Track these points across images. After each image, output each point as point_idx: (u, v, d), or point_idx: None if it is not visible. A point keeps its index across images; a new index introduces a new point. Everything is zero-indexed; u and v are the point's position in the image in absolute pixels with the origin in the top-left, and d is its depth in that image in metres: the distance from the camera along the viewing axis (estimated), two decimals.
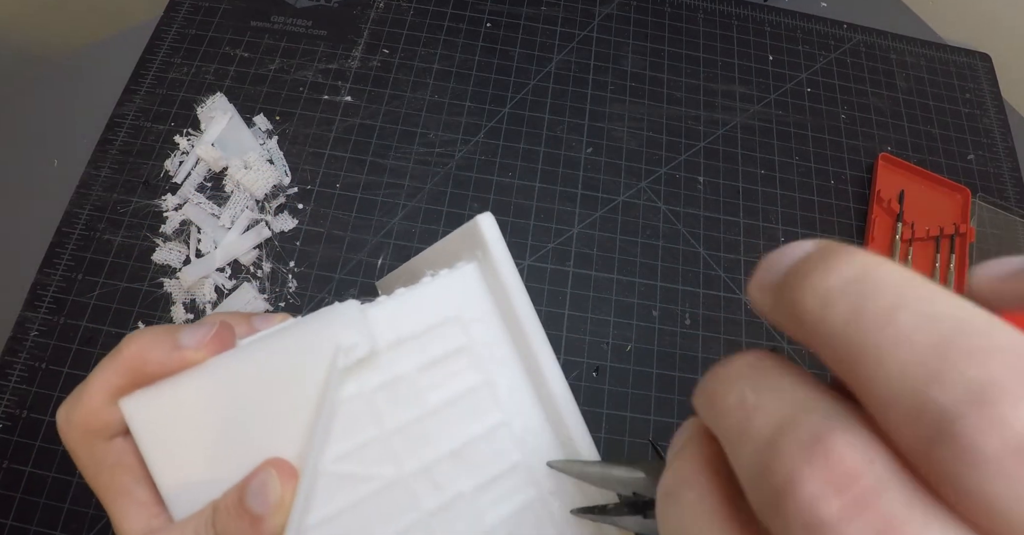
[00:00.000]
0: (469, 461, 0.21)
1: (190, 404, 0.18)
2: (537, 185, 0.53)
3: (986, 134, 0.62)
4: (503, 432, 0.21)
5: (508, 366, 0.22)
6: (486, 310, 0.22)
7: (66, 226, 0.47)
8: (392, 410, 0.20)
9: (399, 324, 0.21)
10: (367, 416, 0.20)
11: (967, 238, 0.55)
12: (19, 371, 0.43)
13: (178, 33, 0.55)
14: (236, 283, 0.46)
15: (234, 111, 0.52)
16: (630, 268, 0.51)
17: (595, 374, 0.47)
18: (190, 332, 0.19)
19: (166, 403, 0.18)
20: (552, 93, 0.57)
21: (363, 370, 0.20)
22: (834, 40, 0.64)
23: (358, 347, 0.19)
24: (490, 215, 0.22)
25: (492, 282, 0.22)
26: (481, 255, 0.22)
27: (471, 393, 0.21)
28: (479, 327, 0.22)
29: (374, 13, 0.58)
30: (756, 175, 0.56)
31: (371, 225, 0.50)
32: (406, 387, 0.21)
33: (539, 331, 0.21)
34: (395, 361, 0.21)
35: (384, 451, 0.20)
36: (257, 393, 0.18)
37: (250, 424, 0.18)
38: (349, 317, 0.20)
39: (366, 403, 0.20)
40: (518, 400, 0.22)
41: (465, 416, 0.21)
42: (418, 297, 0.22)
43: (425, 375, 0.21)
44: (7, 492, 0.40)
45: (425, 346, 0.21)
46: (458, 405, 0.21)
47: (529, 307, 0.21)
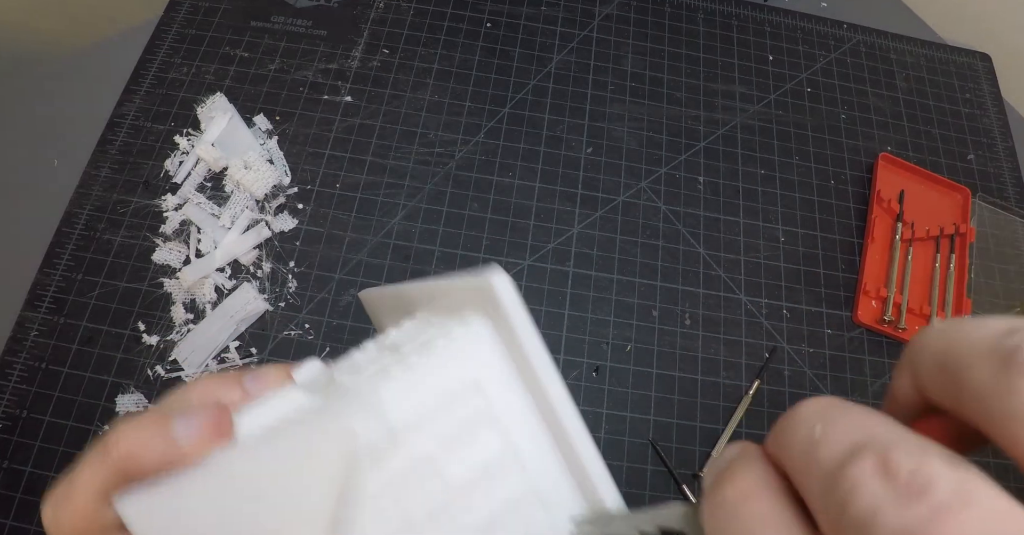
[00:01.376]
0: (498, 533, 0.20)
1: (193, 505, 0.17)
2: (537, 185, 0.53)
3: (986, 134, 0.62)
4: (530, 499, 0.20)
5: (531, 429, 0.21)
6: (503, 372, 0.21)
7: (66, 226, 0.47)
8: (417, 492, 0.19)
9: (416, 398, 0.19)
10: (391, 503, 0.18)
11: (967, 238, 0.55)
12: (19, 371, 0.43)
13: (178, 33, 0.55)
14: (236, 283, 0.46)
15: (234, 111, 0.52)
16: (630, 268, 0.51)
17: (595, 374, 0.47)
18: (185, 424, 0.17)
19: (167, 505, 0.17)
20: (552, 93, 0.57)
21: (383, 458, 0.19)
22: (834, 40, 0.64)
23: (376, 436, 0.18)
24: (504, 274, 0.20)
25: (509, 343, 0.20)
26: (495, 313, 0.20)
27: (495, 462, 0.20)
28: (498, 391, 0.20)
29: (374, 13, 0.58)
30: (756, 175, 0.56)
31: (371, 225, 0.50)
32: (429, 466, 0.19)
33: (563, 393, 0.20)
34: (415, 440, 0.19)
35: None
36: (267, 491, 0.17)
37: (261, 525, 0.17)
38: (365, 404, 0.18)
39: (389, 490, 0.18)
40: (544, 464, 0.21)
41: (491, 487, 0.20)
42: (432, 364, 0.20)
43: (447, 450, 0.20)
44: (7, 492, 0.40)
45: (444, 418, 0.20)
46: (482, 476, 0.20)
47: (554, 373, 0.20)
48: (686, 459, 0.45)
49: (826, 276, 0.53)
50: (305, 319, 0.46)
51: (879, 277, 0.54)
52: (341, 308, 0.47)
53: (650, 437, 0.46)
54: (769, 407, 0.48)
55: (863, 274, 0.53)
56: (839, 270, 0.54)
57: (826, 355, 0.50)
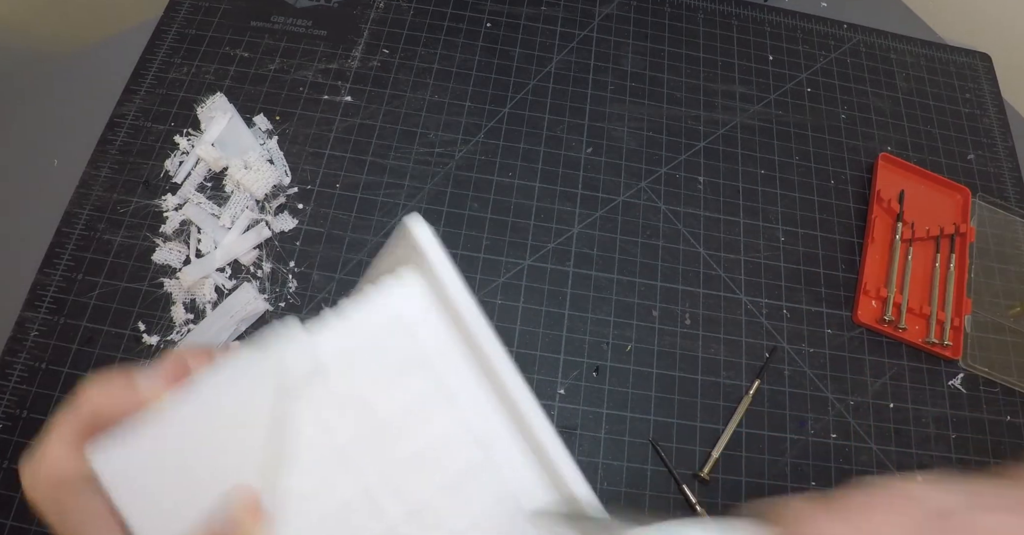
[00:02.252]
0: (430, 466, 0.21)
1: (152, 443, 0.18)
2: (537, 185, 0.53)
3: (986, 134, 0.62)
4: (461, 432, 0.21)
5: (459, 367, 0.22)
6: (432, 315, 0.22)
7: (66, 226, 0.47)
8: (347, 425, 0.20)
9: (344, 338, 0.21)
10: (323, 434, 0.20)
11: (967, 238, 0.55)
12: (19, 371, 0.43)
13: (178, 33, 0.55)
14: (236, 283, 0.46)
15: (234, 111, 0.52)
16: (630, 268, 0.51)
17: (595, 374, 0.47)
18: (146, 374, 0.19)
19: (131, 448, 0.18)
20: (552, 93, 0.57)
21: (312, 386, 0.20)
22: (834, 40, 0.64)
23: (303, 365, 0.20)
24: (418, 216, 0.21)
25: (435, 286, 0.22)
26: (417, 257, 0.22)
27: (424, 398, 0.21)
28: (426, 332, 0.22)
29: (374, 13, 0.58)
30: (756, 175, 0.56)
31: (371, 225, 0.50)
32: (358, 400, 0.21)
33: (486, 328, 0.21)
34: (345, 376, 0.21)
35: (345, 466, 0.20)
36: (215, 424, 0.19)
37: (212, 456, 0.19)
38: (290, 337, 0.20)
39: (320, 421, 0.20)
40: (473, 399, 0.22)
41: (421, 422, 0.21)
42: (361, 309, 0.22)
43: (376, 386, 0.21)
44: (7, 492, 0.40)
45: (374, 358, 0.21)
46: (413, 412, 0.21)
47: (475, 308, 0.21)
48: (686, 459, 0.45)
49: (826, 276, 0.53)
50: (305, 319, 0.46)
51: (879, 277, 0.54)
52: None
53: (650, 437, 0.46)
54: (769, 407, 0.48)
55: (863, 274, 0.53)
56: (839, 270, 0.54)
57: (826, 355, 0.50)
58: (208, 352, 0.21)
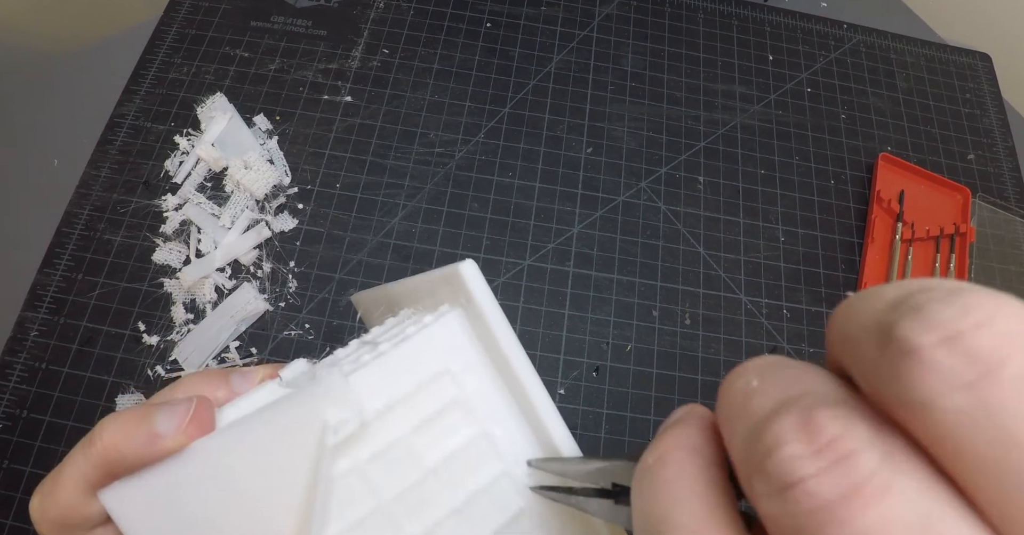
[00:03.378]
0: (473, 517, 0.20)
1: (175, 493, 0.18)
2: (537, 185, 0.53)
3: (986, 134, 0.62)
4: (505, 482, 0.21)
5: (503, 414, 0.21)
6: (476, 359, 0.21)
7: (66, 226, 0.47)
8: (388, 478, 0.20)
9: (387, 386, 0.20)
10: (363, 489, 0.19)
11: (967, 238, 0.55)
12: (19, 371, 0.43)
13: (178, 33, 0.55)
14: (236, 283, 0.46)
15: (234, 111, 0.52)
16: (630, 268, 0.51)
17: (595, 374, 0.47)
18: (167, 417, 0.18)
19: (150, 494, 0.17)
20: (552, 93, 0.57)
21: (354, 442, 0.19)
22: (834, 40, 0.64)
23: (347, 423, 0.19)
24: (472, 264, 0.21)
25: (480, 330, 0.21)
26: (466, 303, 0.21)
27: (468, 447, 0.21)
28: (470, 378, 0.21)
29: (374, 13, 0.58)
30: (756, 175, 0.56)
31: (371, 225, 0.50)
32: (400, 451, 0.20)
33: (534, 377, 0.21)
34: (387, 427, 0.20)
35: (385, 521, 0.19)
36: (245, 478, 0.18)
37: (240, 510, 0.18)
38: (334, 391, 0.19)
39: (360, 477, 0.19)
40: (517, 448, 0.21)
41: (464, 471, 0.20)
42: (404, 354, 0.21)
43: (419, 435, 0.20)
44: (7, 492, 0.40)
45: (416, 405, 0.20)
46: (456, 461, 0.20)
47: (522, 354, 0.21)
48: None
49: (826, 276, 0.53)
50: (305, 319, 0.46)
51: (879, 277, 0.54)
52: (341, 308, 0.47)
53: (650, 437, 0.46)
54: None
55: (863, 274, 0.53)
56: (839, 270, 0.54)
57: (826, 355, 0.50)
58: (224, 377, 0.20)
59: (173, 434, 0.18)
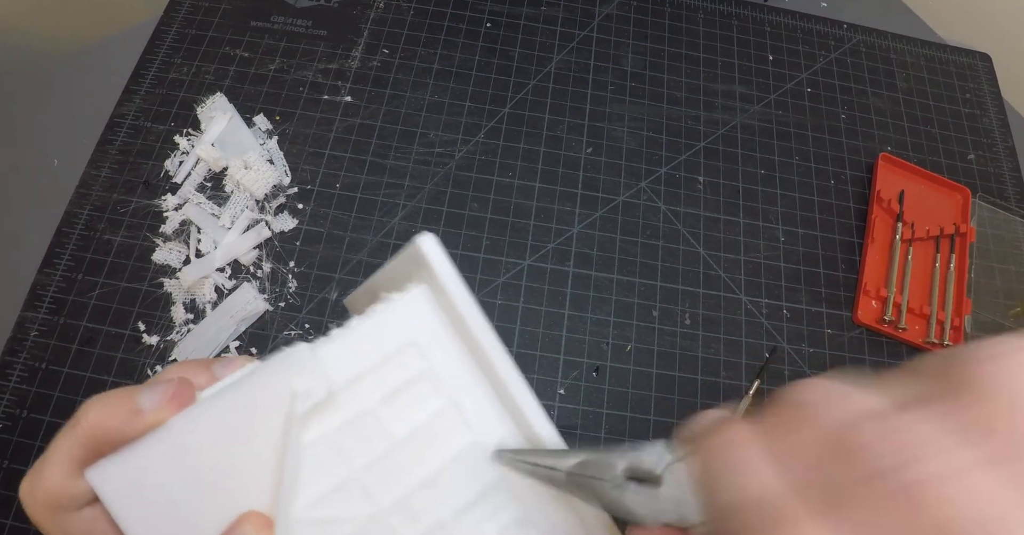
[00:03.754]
0: (445, 487, 0.20)
1: (157, 467, 0.18)
2: (537, 185, 0.53)
3: (986, 134, 0.62)
4: (476, 452, 0.21)
5: (472, 385, 0.22)
6: (441, 332, 0.22)
7: (66, 226, 0.47)
8: (359, 447, 0.20)
9: (354, 359, 0.20)
10: (334, 458, 0.20)
11: (967, 238, 0.55)
12: (19, 371, 0.43)
13: (178, 33, 0.55)
14: (236, 283, 0.46)
15: (234, 111, 0.52)
16: (630, 268, 0.51)
17: (595, 374, 0.47)
18: (148, 394, 0.18)
19: (133, 469, 0.18)
20: (552, 93, 0.57)
21: (324, 412, 0.20)
22: (834, 40, 0.64)
23: (313, 391, 0.19)
24: (430, 235, 0.21)
25: (445, 303, 0.21)
26: (428, 277, 0.21)
27: (438, 417, 0.21)
28: (436, 349, 0.21)
29: (374, 13, 0.58)
30: (756, 175, 0.56)
31: (371, 225, 0.50)
32: (370, 422, 0.20)
33: (498, 346, 0.21)
34: (355, 397, 0.20)
35: (357, 490, 0.20)
36: (221, 449, 0.18)
37: (219, 480, 0.18)
38: (300, 361, 0.20)
39: (331, 445, 0.20)
40: (487, 417, 0.21)
41: (434, 442, 0.21)
42: (370, 328, 0.21)
43: (388, 406, 0.21)
44: (7, 492, 0.40)
45: (384, 377, 0.21)
46: (426, 432, 0.21)
47: (485, 324, 0.21)
48: None
49: (826, 276, 0.53)
50: (305, 319, 0.46)
51: (879, 277, 0.54)
52: (341, 308, 0.47)
53: (650, 437, 0.46)
54: None
55: (863, 274, 0.53)
56: (839, 270, 0.54)
57: (826, 355, 0.50)
58: (206, 365, 0.21)
59: (154, 409, 0.18)
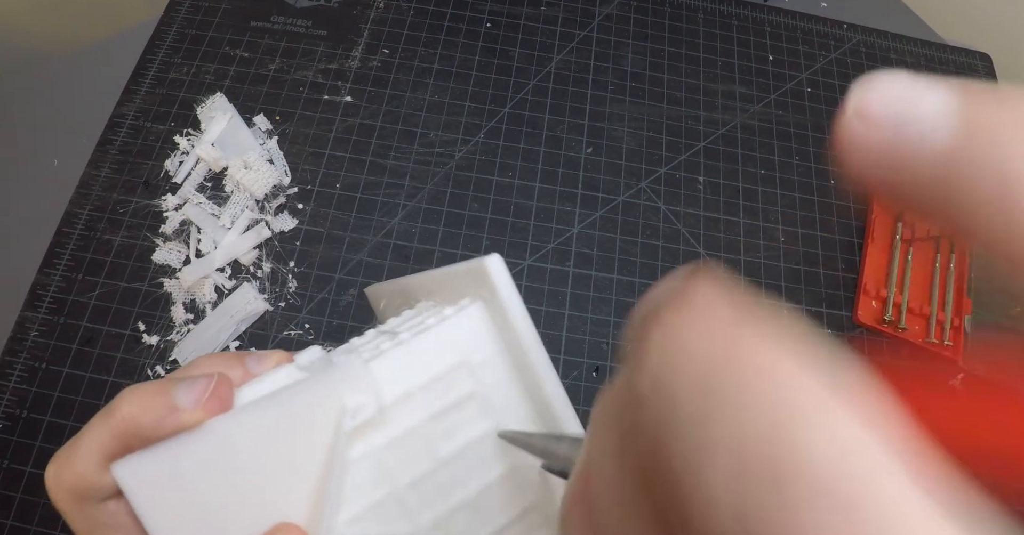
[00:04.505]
0: (483, 509, 0.20)
1: (189, 469, 0.17)
2: (537, 185, 0.53)
3: None
4: (516, 477, 0.21)
5: (519, 411, 0.21)
6: (495, 354, 0.21)
7: (66, 226, 0.47)
8: (403, 466, 0.20)
9: (406, 375, 0.20)
10: (378, 475, 0.19)
11: None
12: (19, 371, 0.43)
13: (178, 33, 0.55)
14: (236, 283, 0.46)
15: (234, 111, 0.52)
16: (630, 268, 0.51)
17: (595, 374, 0.47)
18: (186, 390, 0.18)
19: (163, 468, 0.17)
20: (552, 93, 0.57)
21: (371, 428, 0.19)
22: (834, 40, 0.64)
23: (365, 408, 0.19)
24: (499, 257, 0.21)
25: (501, 324, 0.21)
26: (488, 296, 0.21)
27: (482, 440, 0.21)
28: (487, 370, 0.21)
29: (374, 13, 0.58)
30: (756, 175, 0.56)
31: (371, 225, 0.50)
32: (416, 440, 0.20)
33: (552, 374, 0.21)
34: (404, 415, 0.20)
35: (398, 508, 0.19)
36: (261, 458, 0.18)
37: (254, 489, 0.18)
38: (354, 376, 0.19)
39: (376, 462, 0.19)
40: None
41: (477, 464, 0.20)
42: (424, 343, 0.21)
43: (435, 426, 0.20)
44: (7, 492, 0.40)
45: (434, 396, 0.20)
46: (469, 454, 0.20)
47: (542, 351, 0.21)
48: None
49: (826, 276, 0.53)
50: (305, 319, 0.46)
51: (879, 277, 0.54)
52: (341, 308, 0.47)
53: None
54: None
55: (863, 274, 0.53)
56: (839, 270, 0.54)
57: None
58: (240, 359, 0.20)
59: (192, 408, 0.18)
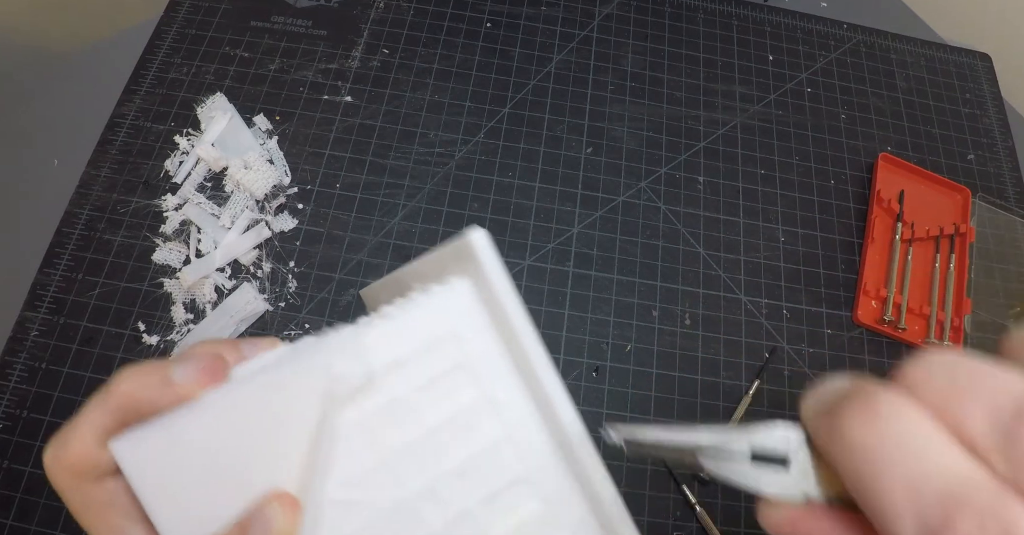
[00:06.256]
0: (472, 476, 0.21)
1: (184, 441, 0.18)
2: (537, 185, 0.53)
3: (986, 134, 0.62)
4: (504, 446, 0.21)
5: (506, 380, 0.22)
6: (482, 325, 0.22)
7: (66, 226, 0.47)
8: (392, 433, 0.20)
9: (394, 345, 0.21)
10: (367, 441, 0.20)
11: (967, 238, 0.55)
12: (19, 371, 0.43)
13: (178, 33, 0.55)
14: (236, 283, 0.46)
15: (234, 111, 0.52)
16: (630, 268, 0.51)
17: (595, 374, 0.47)
18: (181, 367, 0.18)
19: (159, 442, 0.18)
20: (552, 93, 0.57)
21: (360, 395, 0.20)
22: (834, 40, 0.64)
23: (353, 375, 0.19)
24: (482, 231, 0.21)
25: (487, 297, 0.22)
26: (474, 270, 0.21)
27: (470, 409, 0.21)
28: (475, 343, 0.22)
29: (374, 13, 0.58)
30: (756, 175, 0.56)
31: (371, 225, 0.50)
32: (405, 408, 0.20)
33: (538, 346, 0.21)
34: (392, 383, 0.20)
35: (387, 474, 0.20)
36: (253, 427, 0.18)
37: (248, 458, 0.18)
38: (342, 344, 0.20)
39: (365, 428, 0.20)
40: (518, 413, 0.22)
41: (466, 432, 0.21)
42: (412, 316, 0.21)
43: (423, 394, 0.21)
44: (7, 492, 0.40)
45: (422, 365, 0.21)
46: (458, 422, 0.21)
47: (527, 323, 0.21)
48: None
49: (826, 276, 0.53)
50: (305, 319, 0.46)
51: (879, 277, 0.54)
52: (341, 308, 0.47)
53: None
54: (769, 407, 0.48)
55: (863, 274, 0.53)
56: (839, 270, 0.54)
57: (826, 355, 0.50)
58: (235, 344, 0.21)
59: (187, 382, 0.18)
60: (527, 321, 0.21)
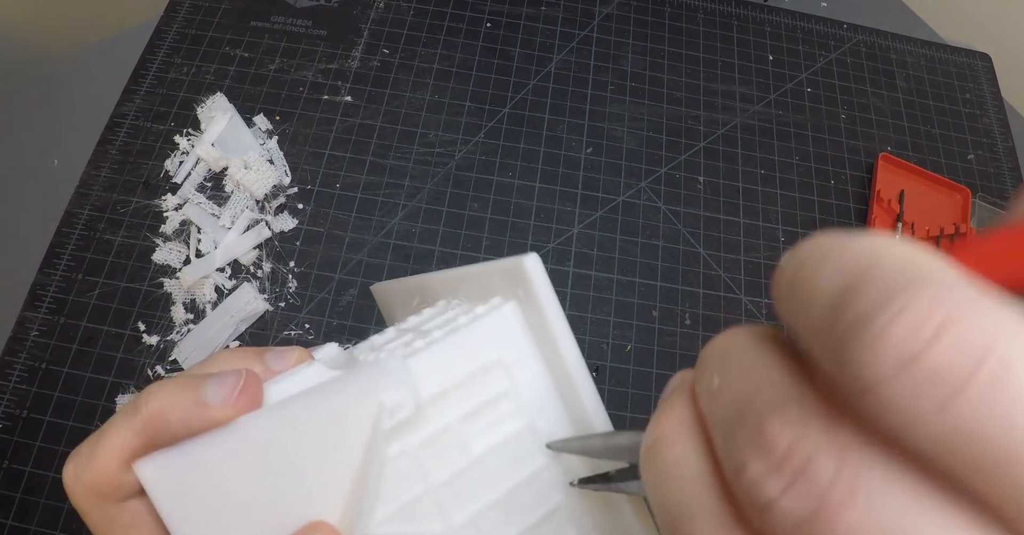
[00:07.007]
0: (513, 508, 0.20)
1: (218, 468, 0.17)
2: (537, 185, 0.53)
3: (986, 134, 0.62)
4: (545, 477, 0.21)
5: (550, 409, 0.21)
6: (527, 352, 0.21)
7: (66, 226, 0.47)
8: (438, 464, 0.20)
9: (441, 373, 0.20)
10: (413, 473, 0.19)
11: (967, 238, 0.55)
12: (19, 371, 0.43)
13: (178, 33, 0.55)
14: (236, 283, 0.46)
15: (234, 111, 0.52)
16: (630, 268, 0.51)
17: (595, 374, 0.47)
18: (215, 387, 0.17)
19: (191, 468, 0.17)
20: (552, 93, 0.57)
21: (408, 426, 0.19)
22: (834, 40, 0.64)
23: (403, 406, 0.18)
24: (536, 257, 0.20)
25: (535, 323, 0.21)
26: (523, 296, 0.21)
27: (515, 439, 0.21)
28: (521, 369, 0.21)
29: (374, 13, 0.58)
30: (756, 175, 0.56)
31: (371, 225, 0.50)
32: (451, 438, 0.20)
33: (586, 374, 0.21)
34: (440, 413, 0.20)
35: (431, 507, 0.19)
36: (294, 456, 0.17)
37: (286, 487, 0.17)
38: (392, 374, 0.19)
39: (412, 461, 0.19)
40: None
41: (509, 463, 0.20)
42: (458, 342, 0.21)
43: (469, 424, 0.20)
44: (7, 492, 0.40)
45: (468, 394, 0.20)
46: (502, 452, 0.20)
47: (577, 352, 0.21)
48: None
49: None
50: (305, 319, 0.46)
51: None
52: (341, 308, 0.47)
53: None
54: None
55: None
56: None
57: None
58: (259, 355, 0.20)
59: (222, 405, 0.17)
60: (577, 352, 0.21)
